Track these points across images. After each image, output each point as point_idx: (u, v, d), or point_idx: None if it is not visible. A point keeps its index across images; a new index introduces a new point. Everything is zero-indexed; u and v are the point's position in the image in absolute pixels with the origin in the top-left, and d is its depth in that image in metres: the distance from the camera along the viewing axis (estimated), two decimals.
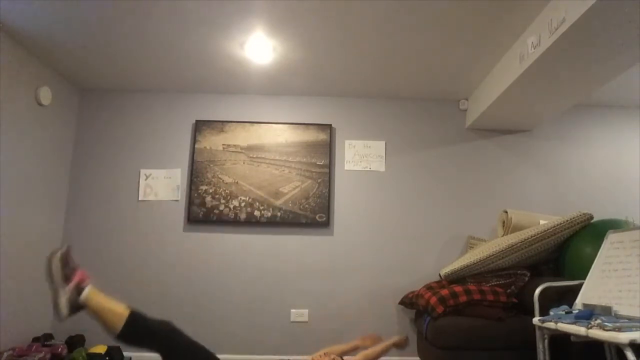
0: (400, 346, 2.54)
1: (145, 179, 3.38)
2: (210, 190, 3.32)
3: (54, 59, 3.01)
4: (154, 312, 3.23)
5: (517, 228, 2.82)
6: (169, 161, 3.42)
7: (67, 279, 1.83)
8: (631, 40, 2.14)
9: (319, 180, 3.35)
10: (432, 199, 3.39)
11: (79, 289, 1.84)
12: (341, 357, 2.26)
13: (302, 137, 3.42)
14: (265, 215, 3.29)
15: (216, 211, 3.28)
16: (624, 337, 1.42)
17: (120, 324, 1.79)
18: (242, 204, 3.30)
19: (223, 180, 3.34)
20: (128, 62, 3.05)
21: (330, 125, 3.45)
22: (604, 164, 3.49)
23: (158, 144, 3.44)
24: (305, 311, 3.20)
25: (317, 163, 3.38)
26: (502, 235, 2.91)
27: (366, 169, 3.43)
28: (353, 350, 2.44)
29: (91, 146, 3.43)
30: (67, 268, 1.84)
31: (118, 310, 1.83)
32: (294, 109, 3.51)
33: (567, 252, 2.46)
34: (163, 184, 3.37)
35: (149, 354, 3.00)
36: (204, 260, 3.26)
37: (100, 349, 2.91)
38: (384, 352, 2.36)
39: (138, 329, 1.84)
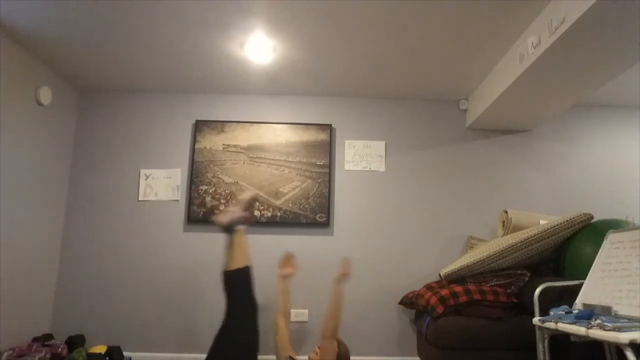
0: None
1: (145, 179, 3.38)
2: (210, 190, 3.32)
3: (54, 59, 3.01)
4: (154, 312, 3.26)
5: (517, 228, 2.82)
6: (169, 161, 3.42)
7: (246, 209, 2.44)
8: (631, 40, 2.14)
9: (319, 180, 3.35)
10: (432, 199, 3.39)
11: (240, 221, 2.39)
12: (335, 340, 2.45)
13: (302, 137, 3.42)
14: (265, 215, 3.29)
15: (216, 211, 3.28)
16: (624, 337, 1.42)
17: (235, 266, 2.26)
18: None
19: (223, 180, 3.34)
20: (128, 62, 3.05)
21: (330, 125, 3.45)
22: (604, 164, 3.49)
23: (158, 144, 3.44)
24: (305, 311, 3.20)
25: (317, 163, 3.38)
26: (502, 235, 2.91)
27: (366, 169, 3.43)
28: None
29: (91, 146, 3.43)
30: (250, 209, 2.50)
31: (244, 258, 2.31)
32: (294, 109, 3.51)
33: (567, 252, 2.46)
34: (163, 184, 3.37)
35: (150, 354, 2.99)
36: (204, 260, 3.26)
37: (100, 349, 2.91)
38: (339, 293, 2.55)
39: (239, 280, 2.27)
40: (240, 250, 2.32)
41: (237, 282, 2.27)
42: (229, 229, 2.36)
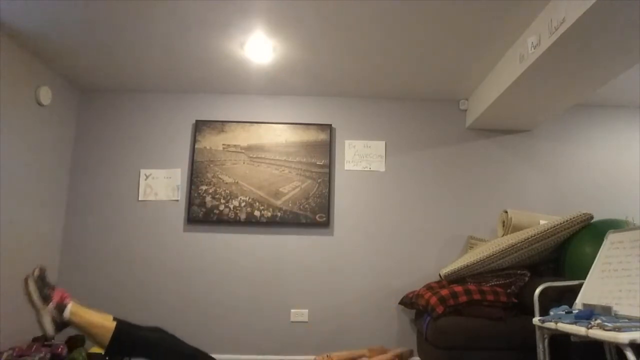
0: (404, 359, 2.54)
1: (145, 179, 3.38)
2: (210, 190, 3.32)
3: (54, 59, 3.01)
4: (154, 312, 3.26)
5: (517, 228, 2.82)
6: (169, 161, 3.42)
7: (46, 299, 1.76)
8: (631, 40, 2.14)
9: (319, 180, 3.35)
10: (432, 199, 3.39)
11: (60, 307, 1.77)
12: None
13: (302, 137, 3.42)
14: (265, 215, 3.29)
15: (216, 211, 3.28)
16: (624, 337, 1.42)
17: (107, 336, 1.76)
18: (242, 204, 3.30)
19: (223, 180, 3.34)
20: (128, 62, 3.05)
21: (330, 125, 3.45)
22: (604, 164, 3.49)
23: (158, 144, 3.44)
24: (305, 311, 3.20)
25: (317, 163, 3.38)
26: (502, 235, 2.91)
27: (366, 169, 3.43)
28: (358, 358, 2.43)
29: (91, 146, 3.43)
30: (46, 288, 1.77)
31: (104, 323, 1.78)
32: (294, 109, 3.51)
33: (567, 252, 2.46)
34: (163, 184, 3.37)
35: None
36: (204, 260, 3.26)
37: (100, 349, 2.90)
38: None
39: (126, 341, 1.81)
40: (92, 324, 1.77)
41: (128, 347, 1.81)
42: (61, 325, 1.76)
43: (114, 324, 1.78)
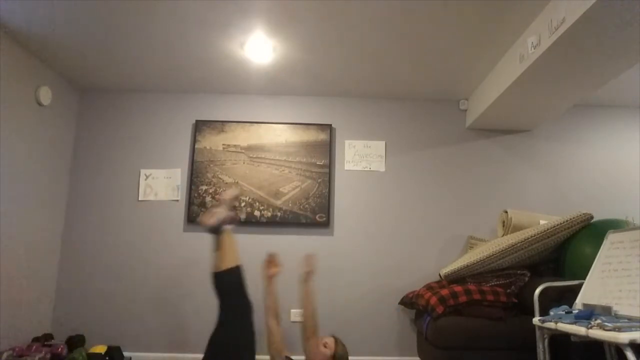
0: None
1: (145, 179, 3.38)
2: (210, 190, 3.32)
3: (54, 59, 3.01)
4: (154, 312, 3.25)
5: (517, 228, 2.82)
6: (169, 161, 3.42)
7: (230, 208, 2.42)
8: (631, 40, 2.14)
9: (319, 180, 3.35)
10: (432, 199, 3.39)
11: (227, 221, 2.35)
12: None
13: (302, 137, 3.42)
14: (265, 215, 3.29)
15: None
16: (624, 337, 1.42)
17: (225, 266, 2.22)
18: (242, 204, 3.30)
19: (223, 180, 3.34)
20: (128, 62, 3.05)
21: (330, 125, 3.45)
22: (604, 164, 3.49)
23: (158, 144, 3.44)
24: None
25: (317, 163, 3.38)
26: (502, 235, 2.91)
27: (366, 169, 3.43)
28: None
29: (91, 146, 3.43)
30: (235, 207, 2.48)
31: (234, 258, 2.26)
32: (294, 109, 3.51)
33: (567, 252, 2.46)
34: (163, 184, 3.37)
35: (150, 354, 3.00)
36: (204, 260, 3.26)
37: (100, 349, 2.91)
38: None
39: (230, 281, 2.22)
40: (230, 250, 2.27)
41: (229, 283, 2.22)
42: (216, 230, 2.30)
43: (238, 264, 2.26)
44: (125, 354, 3.07)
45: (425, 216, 3.36)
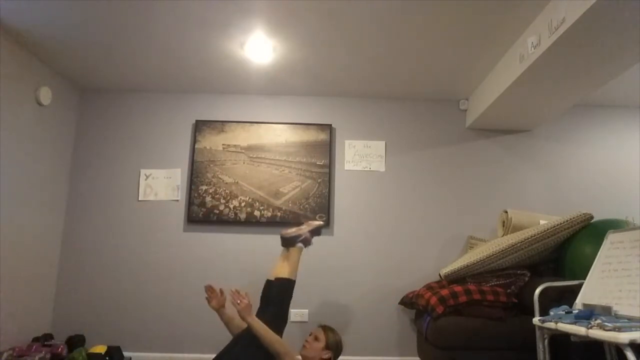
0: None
1: (145, 179, 3.38)
2: (210, 190, 3.32)
3: (54, 59, 3.01)
4: (154, 312, 3.25)
5: (517, 228, 2.82)
6: (169, 161, 3.42)
7: (312, 233, 2.69)
8: (631, 40, 2.14)
9: (319, 180, 3.35)
10: (432, 199, 3.39)
11: (303, 240, 2.60)
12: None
13: (302, 137, 3.42)
14: (265, 215, 3.29)
15: (216, 211, 3.28)
16: (624, 337, 1.42)
17: (284, 275, 2.46)
18: (242, 204, 3.30)
19: (223, 180, 3.34)
20: (128, 62, 3.05)
21: (330, 125, 3.45)
22: (604, 164, 3.49)
23: (158, 144, 3.44)
24: (305, 311, 3.20)
25: (317, 163, 3.38)
26: (502, 235, 2.91)
27: (366, 169, 3.43)
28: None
29: (91, 146, 3.43)
30: (315, 234, 2.73)
31: (293, 272, 2.50)
32: (294, 109, 3.51)
33: (567, 252, 2.46)
34: (163, 184, 3.37)
35: (150, 354, 3.00)
36: (204, 260, 3.26)
37: (100, 349, 2.91)
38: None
39: (282, 289, 2.44)
40: (293, 265, 2.49)
41: (279, 292, 2.41)
42: (291, 242, 2.54)
43: (295, 280, 2.50)
44: (125, 354, 3.07)
45: (425, 216, 3.36)
